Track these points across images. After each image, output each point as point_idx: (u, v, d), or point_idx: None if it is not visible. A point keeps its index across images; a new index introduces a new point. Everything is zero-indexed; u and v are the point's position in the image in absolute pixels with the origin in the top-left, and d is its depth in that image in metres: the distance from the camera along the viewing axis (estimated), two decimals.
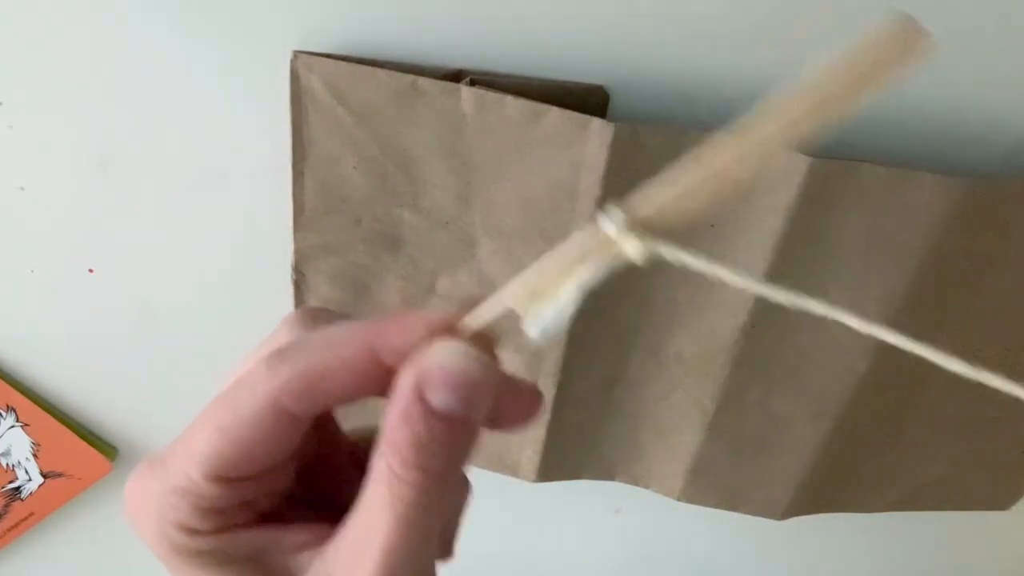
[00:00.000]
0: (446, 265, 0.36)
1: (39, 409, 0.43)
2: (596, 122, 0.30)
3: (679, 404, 0.39)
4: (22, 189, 0.37)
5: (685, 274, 0.35)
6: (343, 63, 0.31)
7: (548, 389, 0.39)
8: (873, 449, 0.39)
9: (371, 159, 0.33)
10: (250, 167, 0.36)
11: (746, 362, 0.37)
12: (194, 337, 0.42)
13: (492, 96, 0.31)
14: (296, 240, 0.36)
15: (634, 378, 0.39)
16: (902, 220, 0.32)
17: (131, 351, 0.42)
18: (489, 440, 0.41)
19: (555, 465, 0.42)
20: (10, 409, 0.43)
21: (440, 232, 0.35)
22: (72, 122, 0.35)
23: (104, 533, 0.49)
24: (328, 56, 0.31)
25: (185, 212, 0.37)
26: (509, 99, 0.31)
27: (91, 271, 0.39)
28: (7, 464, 0.44)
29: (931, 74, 0.32)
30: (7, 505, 0.46)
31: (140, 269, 0.39)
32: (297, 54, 0.31)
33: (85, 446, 0.44)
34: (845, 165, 0.31)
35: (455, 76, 0.31)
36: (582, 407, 0.40)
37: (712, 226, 0.33)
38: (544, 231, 0.34)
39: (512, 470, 0.43)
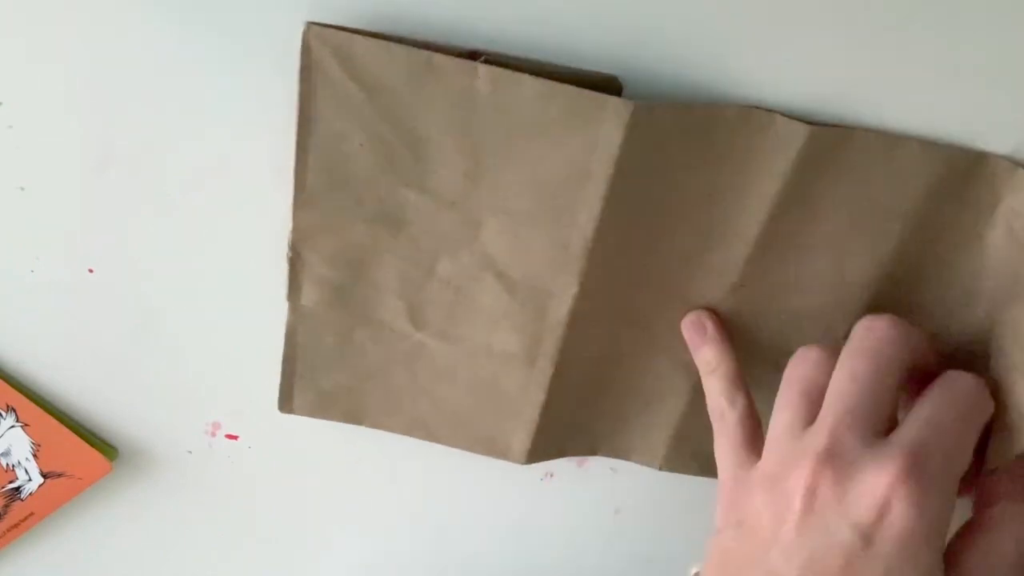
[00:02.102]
0: (448, 246, 0.36)
1: (39, 409, 0.43)
2: (613, 100, 0.30)
3: (665, 371, 0.40)
4: (22, 189, 0.37)
5: (682, 245, 0.35)
6: (357, 36, 0.30)
7: (546, 370, 0.38)
8: None
9: (379, 137, 0.32)
10: (253, 167, 0.36)
11: (733, 323, 0.37)
12: (194, 337, 0.42)
13: (509, 75, 0.30)
14: (295, 219, 0.35)
15: (625, 352, 0.39)
16: (888, 186, 0.33)
17: (131, 351, 0.42)
18: (481, 423, 0.41)
19: (544, 446, 0.42)
20: (10, 409, 0.43)
21: (445, 213, 0.34)
22: (72, 122, 0.35)
23: (104, 533, 0.49)
24: (341, 28, 0.30)
25: (186, 212, 0.37)
26: (526, 78, 0.30)
27: (91, 271, 0.39)
28: (7, 464, 0.44)
29: (931, 73, 0.32)
30: (7, 505, 0.46)
31: (140, 269, 0.39)
32: (310, 25, 0.30)
33: (85, 446, 0.44)
34: (841, 132, 0.32)
35: (470, 56, 0.31)
36: (575, 387, 0.40)
37: (710, 198, 0.34)
38: (554, 212, 0.34)
39: (503, 453, 0.43)
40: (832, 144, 0.32)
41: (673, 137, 0.32)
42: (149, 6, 0.32)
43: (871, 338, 0.31)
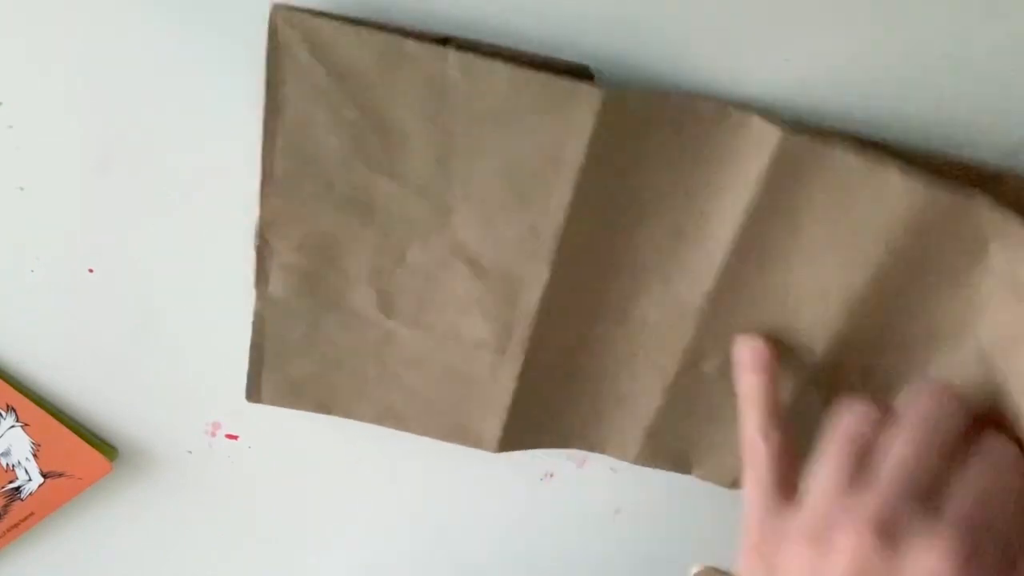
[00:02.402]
0: (418, 233, 0.35)
1: (39, 409, 0.43)
2: (585, 87, 0.30)
3: (640, 369, 0.39)
4: (22, 189, 0.37)
5: (655, 240, 0.35)
6: (325, 19, 0.30)
7: (517, 357, 0.38)
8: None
9: (349, 122, 0.32)
10: (253, 167, 0.36)
11: (709, 330, 0.37)
12: (194, 337, 0.42)
13: (480, 61, 0.30)
14: (262, 206, 0.35)
15: (598, 345, 0.39)
16: (868, 211, 0.32)
17: (131, 351, 0.42)
18: (452, 411, 0.41)
19: (516, 435, 0.42)
20: (10, 409, 0.43)
21: (414, 199, 0.34)
22: (72, 122, 0.35)
23: (104, 533, 0.49)
24: (309, 12, 0.30)
25: (186, 212, 0.37)
26: (498, 65, 0.30)
27: (91, 271, 0.39)
28: (7, 464, 0.44)
29: (929, 73, 0.32)
30: (7, 505, 0.46)
31: (140, 269, 0.39)
32: (277, 7, 0.30)
33: (85, 446, 0.44)
34: (815, 146, 0.31)
35: (441, 42, 0.30)
36: (547, 376, 0.40)
37: (686, 194, 0.33)
38: (524, 198, 0.33)
39: (475, 442, 0.42)
40: (809, 154, 0.31)
41: (646, 128, 0.32)
42: (149, 6, 0.32)
43: (930, 405, 0.31)
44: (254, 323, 0.39)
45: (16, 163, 0.36)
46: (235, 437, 0.46)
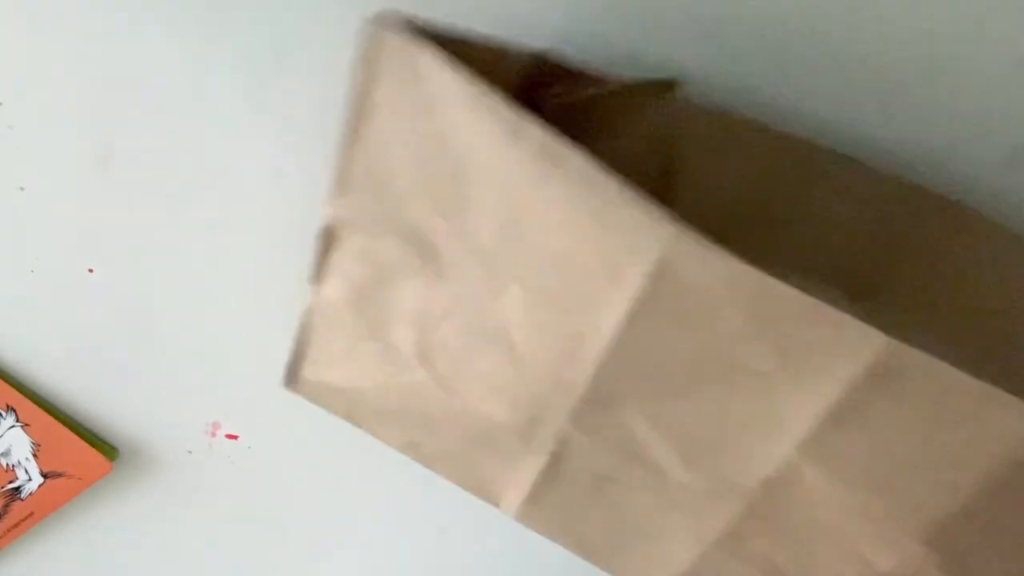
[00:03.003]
0: (468, 296, 0.34)
1: (39, 409, 0.43)
2: (658, 214, 0.28)
3: (676, 522, 0.37)
4: (22, 189, 0.37)
5: (710, 410, 0.32)
6: (431, 44, 0.28)
7: (542, 453, 0.36)
8: None
9: (427, 155, 0.31)
10: (252, 168, 0.36)
11: (758, 515, 0.34)
12: (194, 337, 0.42)
13: (558, 149, 0.28)
14: (336, 204, 0.33)
15: (632, 486, 0.37)
16: (967, 433, 0.30)
17: (131, 351, 0.42)
18: (475, 468, 0.40)
19: (537, 517, 0.40)
20: (10, 409, 0.43)
21: (471, 259, 0.33)
22: (72, 122, 0.35)
23: (104, 533, 0.49)
24: (414, 26, 0.29)
25: (186, 212, 0.37)
26: (576, 158, 0.28)
27: (91, 271, 0.39)
28: (7, 464, 0.44)
29: (929, 73, 0.32)
30: (7, 505, 0.46)
31: (140, 269, 0.39)
32: (382, 16, 0.28)
33: (85, 446, 0.44)
34: (924, 361, 0.29)
35: (538, 59, 0.30)
36: (572, 484, 0.38)
37: (763, 374, 0.31)
38: (569, 304, 0.32)
39: (496, 503, 0.40)
40: (910, 369, 0.29)
41: (729, 300, 0.30)
42: (149, 6, 0.32)
43: None
44: (303, 315, 0.37)
45: (16, 163, 0.36)
46: (235, 437, 0.46)
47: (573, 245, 0.31)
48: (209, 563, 0.52)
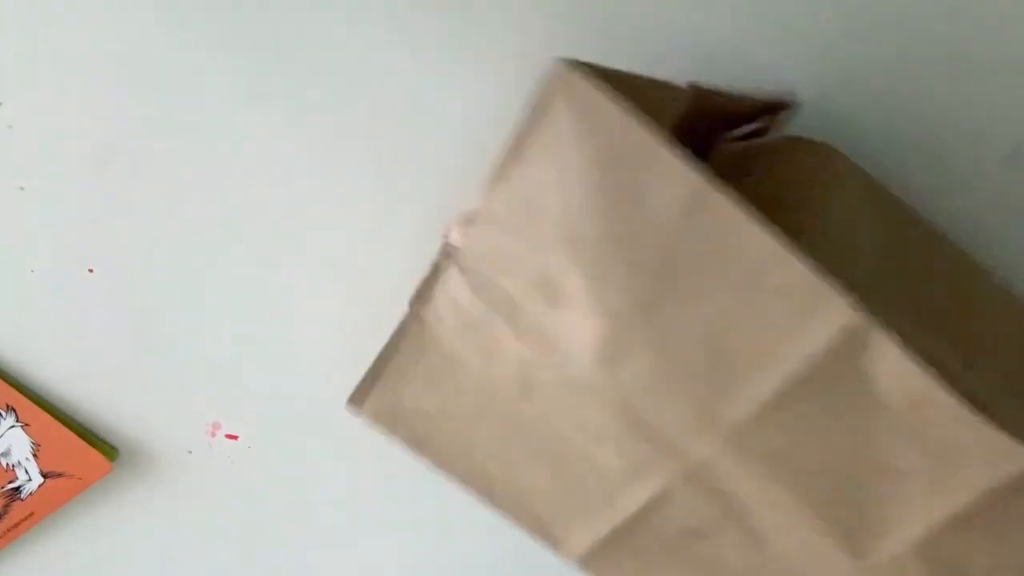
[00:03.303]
0: (579, 346, 0.33)
1: (39, 409, 0.43)
2: (839, 299, 0.28)
3: None
4: (22, 189, 0.37)
5: (833, 498, 0.32)
6: (619, 96, 0.27)
7: (643, 496, 0.36)
8: None
9: (571, 199, 0.30)
10: (252, 168, 0.36)
11: None
12: (194, 337, 0.42)
13: (744, 225, 0.27)
14: (469, 232, 0.32)
15: (724, 542, 0.36)
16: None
17: (131, 351, 0.42)
18: (545, 503, 0.39)
19: (598, 562, 0.39)
20: (10, 409, 0.43)
21: (603, 321, 0.31)
22: (72, 122, 0.35)
23: (104, 533, 0.49)
24: (592, 75, 0.27)
25: (186, 212, 0.37)
26: (738, 212, 0.27)
27: (91, 271, 0.39)
28: (7, 464, 0.44)
29: (930, 72, 0.32)
30: (7, 505, 0.46)
31: (140, 269, 0.39)
32: (564, 63, 0.27)
33: (85, 446, 0.44)
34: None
35: (695, 90, 0.29)
36: (656, 535, 0.37)
37: (900, 470, 0.31)
38: (721, 376, 0.31)
39: (551, 543, 0.40)
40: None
41: (896, 398, 0.29)
42: (149, 6, 0.32)
43: None
44: (393, 334, 0.36)
45: (16, 163, 0.36)
46: (235, 437, 0.46)
47: (728, 311, 0.29)
48: (209, 563, 0.52)
